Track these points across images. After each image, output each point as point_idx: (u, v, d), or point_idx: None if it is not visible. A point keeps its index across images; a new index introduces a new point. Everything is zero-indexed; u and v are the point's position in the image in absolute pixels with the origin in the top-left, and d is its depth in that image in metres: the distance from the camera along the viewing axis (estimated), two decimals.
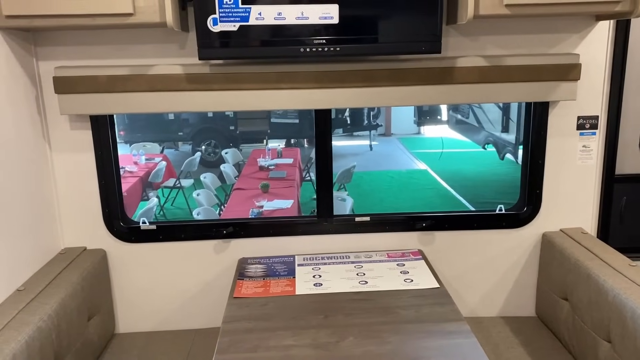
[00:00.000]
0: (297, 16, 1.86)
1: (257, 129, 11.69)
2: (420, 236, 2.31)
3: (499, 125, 9.06)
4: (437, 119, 12.85)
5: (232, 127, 11.31)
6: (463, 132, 11.52)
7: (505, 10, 1.79)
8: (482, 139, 10.07)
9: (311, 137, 12.22)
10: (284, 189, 7.18)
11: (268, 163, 8.42)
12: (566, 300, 2.08)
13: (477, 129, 10.27)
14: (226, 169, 8.37)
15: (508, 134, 8.77)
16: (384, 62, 2.02)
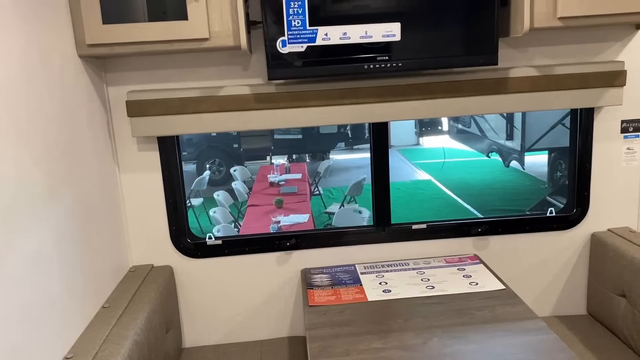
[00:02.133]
0: (361, 35, 1.96)
1: (261, 146, 11.78)
2: (474, 241, 2.40)
3: (503, 133, 9.20)
4: (437, 129, 13.01)
5: (235, 145, 11.39)
6: (465, 142, 11.66)
7: (559, 23, 1.90)
8: (486, 147, 10.21)
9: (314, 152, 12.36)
10: (298, 203, 7.26)
11: (278, 179, 8.50)
12: (623, 297, 2.16)
13: (480, 138, 10.41)
14: (237, 186, 8.43)
15: (513, 141, 8.91)
16: (440, 75, 2.12)
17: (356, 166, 12.12)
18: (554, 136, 8.11)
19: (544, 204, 7.80)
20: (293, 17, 1.94)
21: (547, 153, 8.65)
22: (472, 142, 11.04)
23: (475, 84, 2.13)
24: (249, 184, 8.87)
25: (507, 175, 9.94)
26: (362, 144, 13.02)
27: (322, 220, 8.35)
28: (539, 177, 9.60)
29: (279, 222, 6.36)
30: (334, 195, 9.80)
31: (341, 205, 7.88)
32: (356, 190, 8.08)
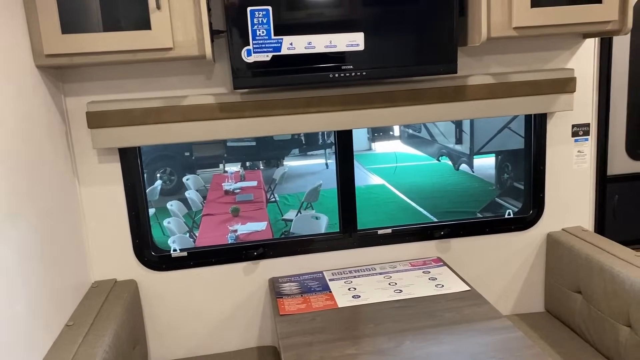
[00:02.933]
0: (326, 45, 1.99)
1: (214, 154, 11.64)
2: (437, 244, 2.46)
3: (452, 138, 9.47)
4: (389, 134, 13.23)
5: (187, 153, 11.21)
6: (416, 146, 11.92)
7: (514, 32, 1.99)
8: (436, 151, 10.47)
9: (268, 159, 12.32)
10: (254, 211, 7.22)
11: (233, 187, 8.42)
12: (579, 293, 2.27)
13: (430, 142, 10.67)
14: (191, 196, 8.29)
15: (462, 145, 9.17)
16: (403, 84, 2.17)
17: (311, 172, 12.17)
18: (500, 140, 8.42)
19: (493, 205, 8.06)
20: (258, 27, 1.94)
21: (494, 156, 8.97)
22: (423, 147, 11.31)
23: (436, 92, 2.19)
24: (203, 193, 8.75)
25: (457, 178, 10.22)
26: (316, 150, 13.10)
27: (278, 227, 8.33)
28: (487, 179, 9.92)
29: (237, 231, 6.30)
30: (290, 202, 9.80)
31: (298, 211, 7.88)
32: (313, 196, 8.11)
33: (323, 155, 13.09)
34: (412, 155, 12.18)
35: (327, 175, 11.78)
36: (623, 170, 2.52)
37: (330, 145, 13.29)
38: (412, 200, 9.26)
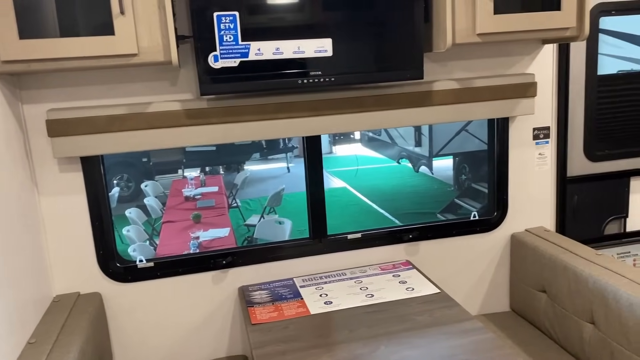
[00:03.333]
0: (294, 50, 1.98)
1: (172, 159, 11.44)
2: (406, 247, 2.48)
3: (411, 140, 9.61)
4: (350, 138, 13.31)
5: (145, 159, 10.98)
6: (376, 149, 12.04)
7: (478, 39, 2.03)
8: (396, 154, 10.60)
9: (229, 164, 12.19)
10: (216, 217, 7.13)
11: (194, 193, 8.29)
12: (543, 292, 2.33)
13: (390, 145, 10.80)
14: (150, 202, 8.11)
15: (421, 147, 9.32)
16: (372, 89, 2.18)
17: (272, 176, 12.12)
18: (458, 142, 8.60)
19: (453, 205, 8.22)
20: (225, 32, 1.91)
21: (452, 158, 9.15)
22: (383, 149, 11.43)
23: (403, 97, 2.21)
24: (162, 199, 8.58)
25: (417, 179, 10.37)
26: (277, 154, 13.05)
27: (241, 232, 8.26)
28: (446, 180, 10.11)
29: (199, 238, 6.20)
30: (252, 207, 9.72)
31: (261, 216, 7.83)
32: (275, 200, 8.07)
33: (284, 159, 13.07)
34: (372, 158, 12.29)
35: (289, 179, 11.76)
36: (581, 171, 2.61)
37: (292, 149, 13.27)
38: (374, 203, 9.35)
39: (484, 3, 1.98)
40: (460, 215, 7.75)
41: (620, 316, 1.88)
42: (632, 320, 1.83)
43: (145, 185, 9.33)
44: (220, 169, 12.07)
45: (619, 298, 1.89)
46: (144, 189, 9.20)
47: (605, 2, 2.44)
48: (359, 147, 13.10)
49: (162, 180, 10.70)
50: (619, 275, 1.96)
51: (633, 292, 1.84)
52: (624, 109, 2.61)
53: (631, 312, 1.83)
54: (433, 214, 8.05)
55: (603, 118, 2.59)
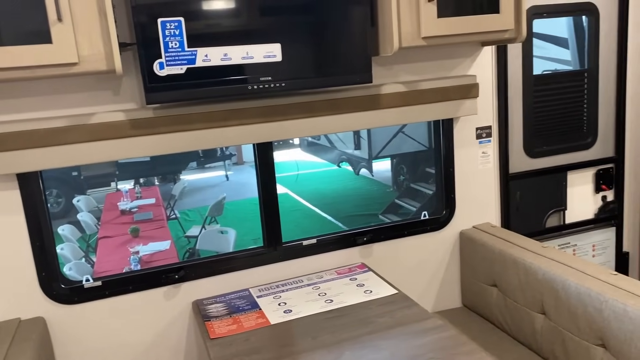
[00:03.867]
0: (242, 56, 1.94)
1: (104, 172, 11.01)
2: (360, 250, 2.49)
3: (351, 144, 9.71)
4: (289, 143, 13.29)
5: (75, 173, 10.49)
6: (316, 153, 12.08)
7: (423, 42, 2.07)
8: (336, 157, 10.68)
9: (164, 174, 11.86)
10: (155, 230, 6.91)
11: (130, 206, 8.00)
12: (494, 287, 2.40)
13: (329, 149, 10.86)
14: (84, 218, 7.75)
15: (360, 150, 9.44)
16: (322, 94, 2.17)
17: (210, 185, 11.91)
18: (395, 144, 8.78)
19: (393, 206, 8.37)
20: (170, 39, 1.85)
21: (390, 159, 9.33)
22: (323, 154, 11.49)
23: (353, 101, 2.22)
24: (97, 214, 8.22)
25: (358, 182, 10.49)
26: (214, 162, 12.83)
27: (181, 244, 8.05)
28: (386, 182, 10.29)
29: (138, 253, 5.98)
30: (191, 218, 9.50)
31: (202, 227, 7.65)
32: (217, 210, 7.92)
33: (222, 167, 12.87)
34: (313, 163, 12.33)
35: (229, 187, 11.59)
36: (522, 168, 2.71)
37: (230, 156, 13.09)
38: (316, 207, 9.37)
39: (428, 7, 2.02)
40: (401, 215, 7.91)
41: (569, 305, 1.96)
42: (580, 308, 1.91)
43: (78, 201, 8.91)
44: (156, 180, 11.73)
45: (567, 288, 1.97)
46: (76, 204, 8.78)
47: (538, 5, 2.56)
48: (299, 152, 13.11)
49: (95, 194, 10.27)
50: (566, 266, 2.05)
51: (580, 281, 1.93)
52: (557, 106, 2.75)
53: (579, 301, 1.91)
54: (375, 216, 8.17)
55: (540, 116, 2.71)
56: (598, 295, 1.84)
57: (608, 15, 2.71)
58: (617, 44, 2.76)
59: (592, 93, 2.78)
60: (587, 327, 1.89)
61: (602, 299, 1.83)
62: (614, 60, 2.78)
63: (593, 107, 2.79)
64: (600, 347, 1.86)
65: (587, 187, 2.90)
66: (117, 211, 7.79)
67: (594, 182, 2.90)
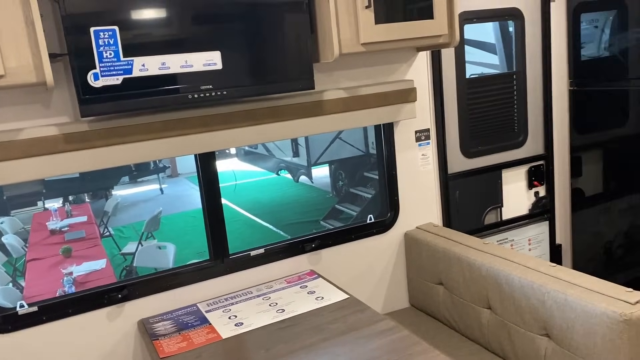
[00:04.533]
0: (181, 65, 1.89)
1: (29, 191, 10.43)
2: (309, 257, 2.48)
3: (289, 151, 9.70)
4: (225, 153, 13.11)
5: None
6: (254, 162, 11.99)
7: (362, 48, 2.10)
8: (275, 165, 10.64)
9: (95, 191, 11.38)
10: (89, 249, 6.61)
11: (60, 225, 7.62)
12: (440, 285, 2.46)
13: (267, 157, 10.81)
14: (9, 240, 7.30)
15: (299, 157, 9.46)
16: (264, 101, 2.15)
17: (144, 200, 11.55)
18: (333, 150, 8.86)
19: (334, 211, 8.43)
20: (104, 48, 1.77)
21: (328, 165, 9.40)
22: (261, 162, 11.41)
23: (296, 108, 2.21)
24: (23, 236, 7.77)
25: (298, 189, 10.50)
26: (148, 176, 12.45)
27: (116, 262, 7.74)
28: (324, 188, 10.35)
29: (72, 274, 5.70)
30: (126, 234, 9.17)
31: (139, 243, 7.39)
32: (153, 225, 7.68)
33: (156, 180, 12.52)
34: (250, 172, 12.22)
35: (164, 200, 11.28)
36: (460, 168, 2.80)
37: (164, 169, 12.75)
38: (257, 217, 9.29)
39: (365, 14, 2.05)
40: (343, 220, 7.97)
41: (513, 298, 2.04)
42: (524, 301, 1.99)
43: (1, 222, 8.38)
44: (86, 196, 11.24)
45: (510, 281, 2.05)
46: (0, 226, 8.26)
47: (468, 11, 2.66)
48: (236, 162, 12.96)
49: (20, 214, 9.73)
50: (508, 261, 2.13)
51: (522, 274, 2.01)
52: (490, 108, 2.86)
53: (523, 294, 1.99)
54: (317, 222, 8.19)
55: (474, 118, 2.81)
56: (540, 287, 1.92)
57: (532, 20, 2.86)
58: (542, 46, 2.91)
59: (521, 94, 2.91)
60: (532, 318, 1.97)
61: (544, 290, 1.91)
62: (539, 62, 2.93)
63: (522, 108, 2.93)
64: (545, 336, 1.94)
65: (520, 184, 3.03)
66: (46, 231, 7.41)
67: (527, 179, 3.03)
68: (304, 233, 2.55)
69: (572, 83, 2.98)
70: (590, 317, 1.74)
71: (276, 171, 10.77)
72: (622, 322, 1.66)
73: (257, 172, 11.99)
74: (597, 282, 1.85)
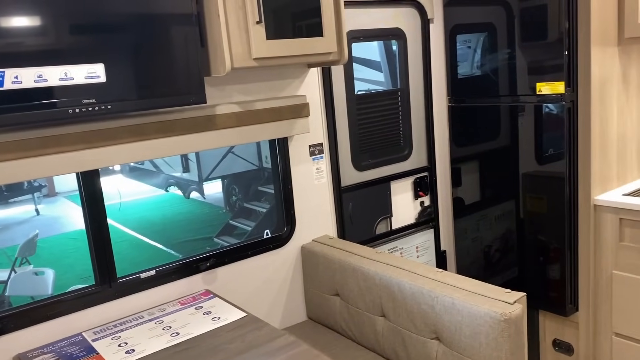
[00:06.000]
0: (60, 77, 1.76)
1: None
2: (204, 276, 2.40)
3: (179, 167, 9.42)
4: (109, 169, 12.42)
5: None
6: (140, 179, 11.48)
7: (254, 63, 2.10)
8: (163, 182, 10.27)
9: None
10: None
11: None
12: (337, 296, 2.50)
13: (155, 173, 10.41)
14: None
15: (190, 173, 9.21)
16: (152, 116, 2.07)
17: (17, 222, 10.61)
18: (226, 164, 8.74)
19: (228, 227, 8.29)
20: None
21: (221, 180, 9.24)
22: (148, 179, 10.96)
23: (186, 123, 2.15)
24: None
25: (189, 206, 10.20)
26: (21, 195, 11.45)
27: None
28: (217, 203, 10.16)
29: None
30: None
31: (12, 270, 6.74)
32: (28, 249, 7.06)
33: (31, 201, 11.54)
34: (137, 189, 11.67)
35: (41, 222, 10.43)
36: (352, 181, 2.88)
37: (39, 188, 11.78)
38: (145, 236, 8.88)
39: (256, 29, 2.06)
40: (237, 236, 7.85)
41: (405, 305, 2.12)
42: (415, 306, 2.08)
43: None
44: None
45: (402, 288, 2.13)
46: None
47: (355, 30, 2.76)
48: (121, 179, 12.32)
49: None
50: (399, 269, 2.22)
51: (413, 281, 2.10)
52: (378, 123, 2.98)
53: (414, 300, 2.08)
54: (210, 239, 8.00)
55: (363, 132, 2.91)
56: (430, 292, 2.02)
57: (414, 40, 3.04)
58: (423, 65, 3.10)
59: (405, 110, 3.07)
60: (423, 323, 2.06)
61: (433, 295, 2.01)
62: (421, 80, 3.11)
63: (407, 123, 3.09)
64: (435, 340, 2.05)
65: (407, 194, 3.18)
66: None
67: (413, 190, 3.19)
68: (197, 251, 2.47)
69: (450, 99, 3.19)
70: (475, 318, 1.86)
71: (165, 187, 10.39)
72: (502, 321, 1.79)
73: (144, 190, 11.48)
74: (479, 285, 1.99)
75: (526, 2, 2.70)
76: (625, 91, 2.76)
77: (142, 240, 8.71)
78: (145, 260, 7.60)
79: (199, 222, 9.31)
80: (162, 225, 9.34)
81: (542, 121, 2.76)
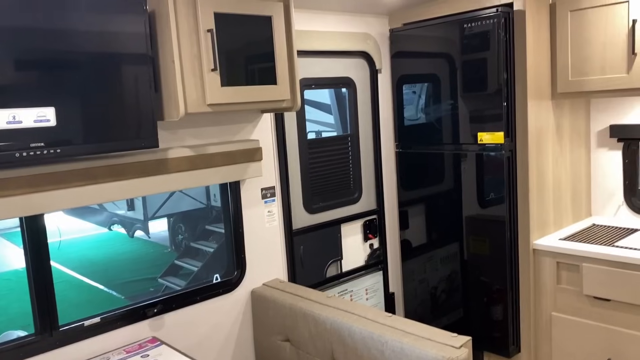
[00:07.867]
0: (8, 120, 1.73)
1: None
2: (150, 323, 2.34)
3: (123, 204, 9.16)
4: None
5: None
6: (81, 216, 11.07)
7: (208, 109, 2.13)
8: (107, 220, 9.95)
9: None
10: None
11: None
12: (287, 341, 2.49)
13: (98, 211, 10.07)
14: None
15: (135, 211, 8.97)
16: (103, 159, 2.04)
17: None
18: (172, 202, 8.58)
19: (173, 267, 8.08)
20: None
21: (167, 219, 9.05)
22: (91, 216, 10.58)
23: (138, 167, 2.14)
24: None
25: (133, 245, 9.89)
26: None
27: None
28: (163, 242, 9.90)
29: None
30: None
31: None
32: None
33: None
34: (78, 227, 11.23)
35: None
36: (304, 224, 2.92)
37: None
38: (85, 276, 8.51)
39: (211, 76, 2.09)
40: (183, 277, 7.65)
41: (356, 350, 2.14)
42: (365, 352, 2.10)
43: None
44: None
45: (353, 334, 2.15)
46: None
47: (307, 78, 2.85)
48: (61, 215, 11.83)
49: None
50: (350, 313, 2.24)
51: (363, 326, 2.13)
52: (328, 167, 3.05)
53: (364, 345, 2.10)
54: (154, 279, 7.75)
55: (314, 175, 2.97)
56: (379, 337, 2.05)
57: (363, 88, 3.15)
58: (372, 112, 3.21)
59: (355, 154, 3.16)
60: None
61: (382, 340, 2.04)
62: (370, 126, 3.22)
63: (357, 167, 3.17)
64: None
65: (357, 237, 3.23)
66: None
67: (363, 232, 3.25)
68: (140, 291, 2.41)
69: (397, 145, 3.31)
70: None
71: (108, 226, 10.06)
72: None
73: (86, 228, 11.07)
74: (427, 329, 2.04)
75: (467, 55, 2.88)
76: (559, 142, 2.96)
77: (82, 280, 8.35)
78: (84, 301, 7.28)
79: (143, 262, 9.03)
80: (104, 265, 8.99)
81: (484, 168, 2.91)
